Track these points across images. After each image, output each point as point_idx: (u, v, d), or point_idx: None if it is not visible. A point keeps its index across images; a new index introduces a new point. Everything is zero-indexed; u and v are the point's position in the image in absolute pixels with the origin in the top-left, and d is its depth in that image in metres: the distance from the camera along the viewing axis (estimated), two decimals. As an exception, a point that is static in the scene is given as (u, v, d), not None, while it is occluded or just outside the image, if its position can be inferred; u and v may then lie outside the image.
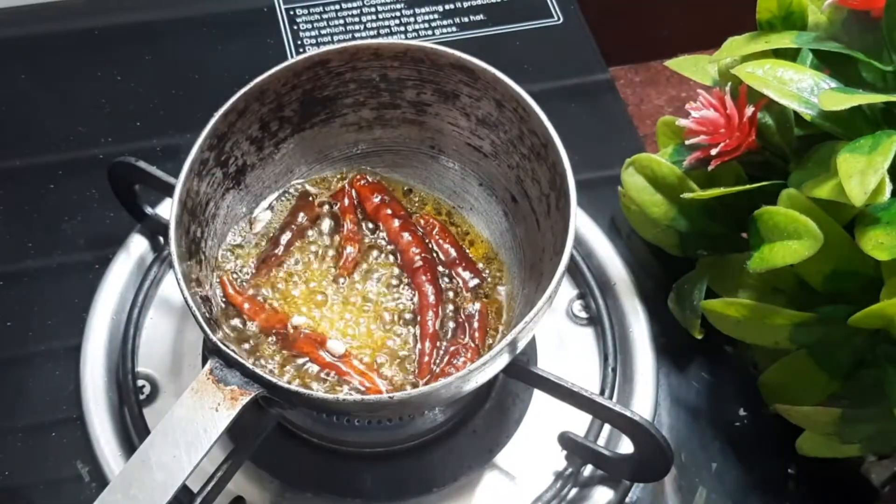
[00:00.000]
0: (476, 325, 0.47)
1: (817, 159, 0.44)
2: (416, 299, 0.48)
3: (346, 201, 0.51)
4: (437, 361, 0.46)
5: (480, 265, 0.50)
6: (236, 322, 0.46)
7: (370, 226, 0.51)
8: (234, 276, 0.48)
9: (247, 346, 0.45)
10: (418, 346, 0.46)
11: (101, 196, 0.57)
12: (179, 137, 0.60)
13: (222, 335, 0.44)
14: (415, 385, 0.45)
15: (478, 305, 0.48)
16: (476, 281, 0.49)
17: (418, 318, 0.47)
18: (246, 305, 0.46)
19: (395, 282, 0.49)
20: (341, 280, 0.48)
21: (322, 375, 0.45)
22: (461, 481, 0.48)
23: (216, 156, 0.46)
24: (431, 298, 0.47)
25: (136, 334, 0.52)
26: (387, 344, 0.47)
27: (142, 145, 0.60)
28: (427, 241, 0.50)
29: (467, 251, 0.50)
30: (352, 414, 0.48)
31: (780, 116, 0.47)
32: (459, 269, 0.49)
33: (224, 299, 0.47)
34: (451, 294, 0.48)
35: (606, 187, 0.57)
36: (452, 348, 0.46)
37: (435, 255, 0.49)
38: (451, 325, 0.47)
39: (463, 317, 0.47)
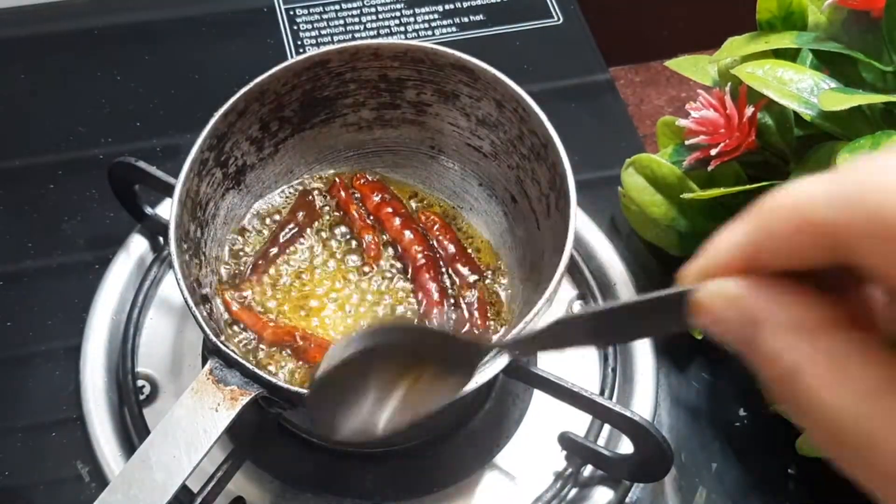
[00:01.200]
0: (476, 313, 0.47)
1: (817, 159, 0.44)
2: (419, 297, 0.48)
3: (343, 194, 0.51)
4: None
5: (480, 262, 0.50)
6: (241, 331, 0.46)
7: (371, 219, 0.51)
8: (235, 276, 0.48)
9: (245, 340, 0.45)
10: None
11: (101, 196, 0.57)
12: (179, 137, 0.60)
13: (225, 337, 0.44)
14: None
15: (476, 293, 0.48)
16: (474, 277, 0.49)
17: (422, 315, 0.47)
18: (253, 322, 0.46)
19: (395, 280, 0.49)
20: (341, 279, 0.48)
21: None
22: (461, 481, 0.48)
23: (216, 156, 0.46)
24: (435, 296, 0.47)
25: (136, 334, 0.52)
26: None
27: (142, 145, 0.60)
28: (428, 237, 0.50)
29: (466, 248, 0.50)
30: (352, 414, 0.48)
31: (780, 116, 0.47)
32: (458, 266, 0.49)
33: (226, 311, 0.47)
34: (451, 289, 0.48)
35: (606, 187, 0.57)
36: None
37: (436, 251, 0.49)
38: (453, 317, 0.47)
39: (463, 305, 0.47)
